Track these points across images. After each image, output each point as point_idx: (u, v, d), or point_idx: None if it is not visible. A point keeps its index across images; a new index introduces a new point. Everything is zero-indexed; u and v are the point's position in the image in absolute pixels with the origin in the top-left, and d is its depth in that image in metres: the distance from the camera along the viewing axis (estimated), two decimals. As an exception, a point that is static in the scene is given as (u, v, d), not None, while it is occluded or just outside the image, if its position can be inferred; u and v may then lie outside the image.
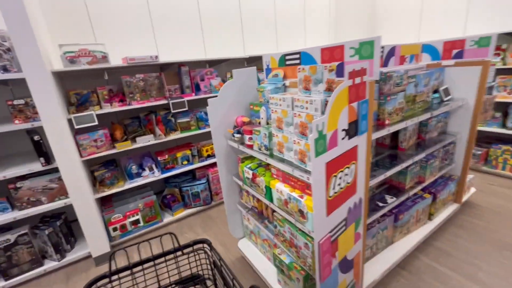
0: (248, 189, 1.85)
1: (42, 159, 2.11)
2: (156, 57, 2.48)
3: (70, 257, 2.38)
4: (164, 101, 2.64)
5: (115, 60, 2.63)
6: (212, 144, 3.10)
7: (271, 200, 1.60)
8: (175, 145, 3.16)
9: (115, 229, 2.58)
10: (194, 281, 1.17)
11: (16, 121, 2.01)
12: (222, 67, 3.38)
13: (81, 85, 2.62)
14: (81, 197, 2.24)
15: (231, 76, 3.18)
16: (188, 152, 2.93)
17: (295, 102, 1.26)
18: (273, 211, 1.68)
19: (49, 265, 2.30)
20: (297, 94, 1.32)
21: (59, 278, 2.25)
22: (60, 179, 2.22)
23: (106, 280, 0.91)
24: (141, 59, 2.39)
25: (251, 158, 1.88)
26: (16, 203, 2.15)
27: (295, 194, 1.36)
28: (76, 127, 2.19)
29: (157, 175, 2.72)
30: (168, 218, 2.90)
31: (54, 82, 2.07)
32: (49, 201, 2.26)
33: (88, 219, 2.30)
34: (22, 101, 2.00)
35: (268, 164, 1.71)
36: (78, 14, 2.54)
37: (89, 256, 2.45)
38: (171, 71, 2.81)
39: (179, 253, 1.04)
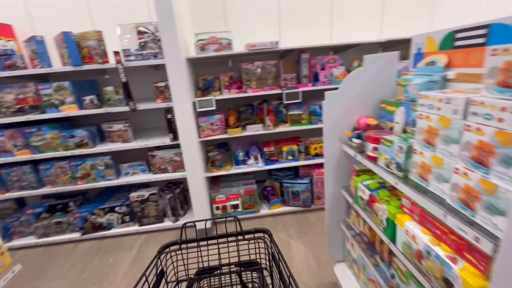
0: (359, 211, 1.43)
1: (171, 135, 2.43)
2: (277, 43, 2.33)
3: (181, 221, 2.73)
4: (278, 91, 2.50)
5: (239, 47, 2.68)
6: (322, 143, 2.75)
7: (392, 239, 1.14)
8: (282, 138, 3.02)
9: (217, 208, 2.75)
10: (251, 267, 1.20)
11: (158, 101, 2.38)
12: (349, 54, 2.88)
13: (209, 71, 2.85)
14: (194, 173, 2.47)
15: (359, 65, 2.64)
16: (294, 147, 2.71)
17: (473, 108, 0.75)
18: (392, 251, 1.21)
19: (166, 223, 2.72)
20: (479, 94, 0.79)
21: (170, 236, 2.63)
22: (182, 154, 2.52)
23: (177, 246, 1.06)
24: (261, 46, 2.31)
25: (371, 173, 1.43)
26: (151, 168, 2.62)
27: (441, 251, 0.86)
28: (198, 110, 2.39)
29: (260, 166, 2.67)
30: (264, 210, 2.84)
31: (187, 68, 2.30)
32: (173, 171, 2.63)
33: (197, 193, 2.53)
34: (163, 84, 2.34)
35: (396, 189, 1.23)
36: (216, 3, 2.72)
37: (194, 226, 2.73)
38: (290, 58, 2.62)
39: (240, 237, 1.10)
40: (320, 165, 2.79)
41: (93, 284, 2.11)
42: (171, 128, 2.41)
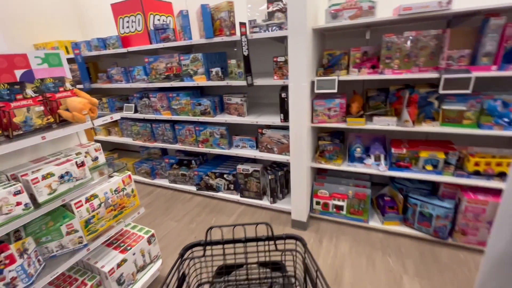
0: None
1: (282, 115, 2.26)
2: (448, 2, 1.57)
3: (278, 205, 2.64)
4: (432, 74, 1.77)
5: (384, 13, 2.04)
6: (493, 158, 1.82)
7: None
8: (423, 139, 2.24)
9: (317, 203, 2.46)
10: (280, 271, 1.07)
11: (275, 77, 2.21)
12: None
13: (340, 44, 2.39)
14: (299, 160, 2.24)
15: None
16: (440, 155, 1.94)
17: None
18: None
19: (264, 202, 2.71)
20: None
21: (264, 217, 2.60)
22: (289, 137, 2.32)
23: (201, 247, 1.00)
24: (422, 7, 1.62)
25: None
26: (259, 145, 2.59)
27: None
28: (316, 91, 2.05)
29: (382, 170, 2.10)
30: (375, 223, 2.30)
31: (312, 41, 1.96)
32: (278, 152, 2.50)
33: (297, 182, 2.31)
34: (282, 59, 2.12)
35: None
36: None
37: (289, 213, 2.58)
38: (466, 27, 1.76)
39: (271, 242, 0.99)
40: (479, 189, 1.90)
41: (196, 237, 2.40)
42: (283, 108, 2.22)
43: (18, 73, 1.38)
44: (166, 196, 3.15)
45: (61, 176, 1.33)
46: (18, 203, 1.15)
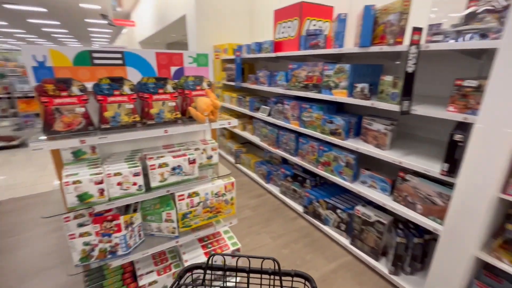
0: None
1: (445, 165, 1.50)
2: None
3: (401, 280, 1.87)
4: None
5: None
6: None
7: None
8: None
9: (473, 317, 1.52)
10: None
11: (451, 108, 1.48)
12: None
13: None
14: (459, 240, 1.43)
15: None
16: None
17: None
18: None
19: (379, 265, 2.01)
20: None
21: (378, 284, 1.92)
22: (449, 199, 1.53)
23: (201, 271, 0.86)
24: None
25: None
26: (395, 192, 1.91)
27: None
28: (531, 145, 1.18)
29: None
30: None
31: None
32: (423, 213, 1.74)
33: (446, 269, 1.50)
34: (474, 83, 1.37)
35: None
36: None
37: (416, 304, 1.77)
38: None
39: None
40: None
41: (283, 267, 2.12)
42: (452, 156, 1.47)
43: (173, 69, 1.57)
44: (273, 205, 3.04)
45: (173, 168, 1.41)
46: (135, 183, 1.29)
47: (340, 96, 2.17)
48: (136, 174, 1.28)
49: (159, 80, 1.32)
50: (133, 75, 1.45)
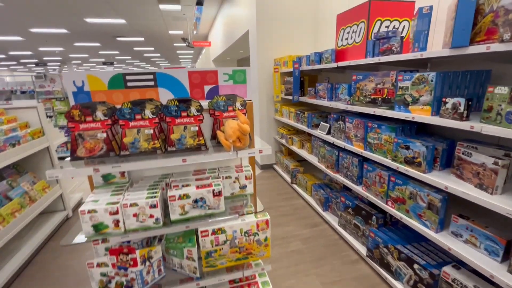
0: None
1: None
2: None
3: None
4: None
5: None
6: None
7: None
8: None
9: None
10: None
11: None
12: None
13: None
14: None
15: None
16: None
17: None
18: None
19: None
20: None
21: None
22: None
23: None
24: None
25: None
26: (511, 259, 1.26)
27: None
28: None
29: None
30: None
31: None
32: None
33: None
34: None
35: None
36: None
37: None
38: None
39: None
40: None
41: (333, 331, 1.67)
42: None
43: (207, 88, 1.44)
44: (329, 239, 2.58)
45: (195, 201, 1.24)
46: (151, 216, 1.17)
47: (420, 114, 1.64)
48: (152, 206, 1.16)
49: (182, 101, 1.19)
50: (165, 96, 1.37)
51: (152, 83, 1.34)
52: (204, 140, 1.21)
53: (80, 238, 1.13)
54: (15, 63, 16.69)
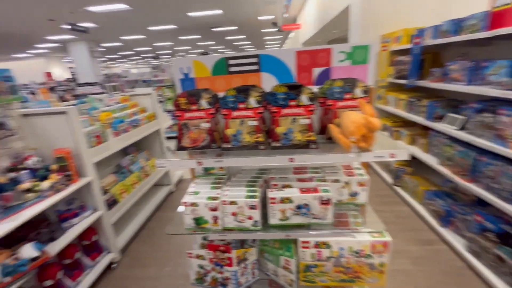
0: None
1: None
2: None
3: None
4: None
5: None
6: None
7: None
8: None
9: None
10: None
11: None
12: None
13: None
14: None
15: None
16: None
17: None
18: None
19: None
20: None
21: None
22: None
23: None
24: None
25: None
26: None
27: None
28: None
29: None
30: None
31: None
32: None
33: None
34: None
35: None
36: None
37: None
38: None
39: None
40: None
41: None
42: None
43: (316, 71, 1.18)
44: (449, 265, 2.00)
45: (299, 207, 1.04)
46: (250, 217, 1.05)
47: None
48: (252, 207, 1.03)
49: (292, 88, 0.98)
50: (268, 82, 1.20)
51: (255, 67, 1.19)
52: (315, 136, 0.98)
53: (181, 229, 1.11)
54: (138, 57, 20.58)
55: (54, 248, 1.61)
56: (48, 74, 9.49)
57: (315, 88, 1.11)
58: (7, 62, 14.86)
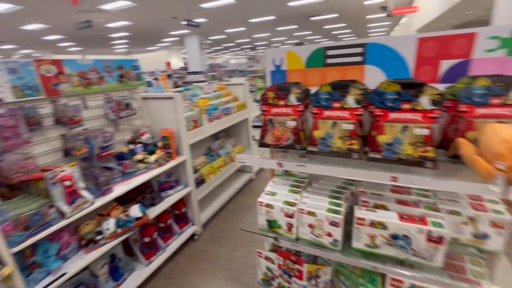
0: None
1: None
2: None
3: None
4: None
5: None
6: None
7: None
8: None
9: None
10: None
11: None
12: None
13: None
14: None
15: None
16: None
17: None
18: None
19: None
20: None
21: None
22: None
23: None
24: None
25: None
26: None
27: None
28: None
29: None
30: None
31: None
32: None
33: None
34: None
35: None
36: None
37: None
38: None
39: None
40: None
41: None
42: None
43: (445, 64, 0.89)
44: None
45: (395, 237, 0.83)
46: (329, 234, 0.91)
47: None
48: (333, 223, 0.89)
49: (407, 86, 0.76)
50: (373, 77, 0.99)
51: (359, 58, 0.99)
52: (433, 151, 0.73)
53: (254, 227, 1.08)
54: (238, 49, 22.24)
55: (153, 212, 1.91)
56: (168, 64, 11.41)
57: (440, 88, 0.83)
58: (142, 54, 18.79)
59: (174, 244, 2.15)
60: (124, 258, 1.86)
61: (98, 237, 1.54)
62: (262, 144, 1.01)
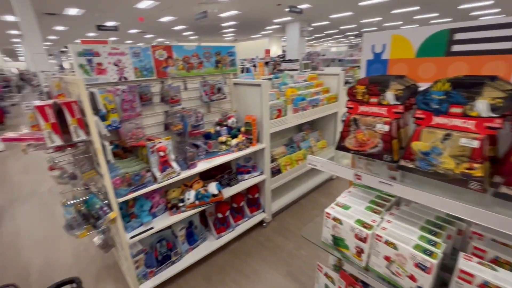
0: None
1: None
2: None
3: None
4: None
5: None
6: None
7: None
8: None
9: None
10: None
11: None
12: None
13: None
14: None
15: None
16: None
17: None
18: None
19: None
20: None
21: None
22: None
23: None
24: None
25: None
26: None
27: None
28: None
29: None
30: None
31: None
32: None
33: None
34: None
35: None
36: None
37: None
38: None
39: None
40: None
41: None
42: None
43: None
44: None
45: (524, 317, 0.55)
46: (411, 277, 0.70)
47: None
48: (421, 267, 0.67)
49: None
50: (530, 74, 0.66)
51: (508, 44, 0.68)
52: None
53: (316, 239, 0.96)
54: (341, 36, 20.66)
55: (228, 192, 2.03)
56: (267, 51, 11.76)
57: None
58: (246, 42, 20.08)
59: (244, 225, 2.25)
60: (200, 227, 2.08)
61: (180, 204, 1.76)
62: (340, 147, 0.85)
